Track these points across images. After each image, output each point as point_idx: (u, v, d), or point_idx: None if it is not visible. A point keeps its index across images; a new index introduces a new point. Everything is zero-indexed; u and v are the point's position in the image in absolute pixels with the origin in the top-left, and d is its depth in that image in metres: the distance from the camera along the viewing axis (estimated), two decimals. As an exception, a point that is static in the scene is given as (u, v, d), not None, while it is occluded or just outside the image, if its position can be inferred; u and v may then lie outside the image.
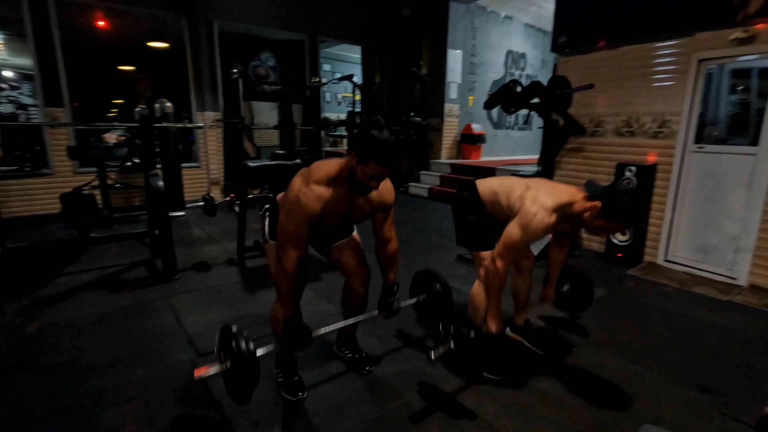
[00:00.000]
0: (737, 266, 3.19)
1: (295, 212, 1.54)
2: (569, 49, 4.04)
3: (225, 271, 3.38)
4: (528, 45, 9.01)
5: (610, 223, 1.70)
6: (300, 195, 1.53)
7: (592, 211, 1.73)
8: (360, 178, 1.51)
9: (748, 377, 2.06)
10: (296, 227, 1.55)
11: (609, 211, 1.68)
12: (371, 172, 1.47)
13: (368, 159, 1.44)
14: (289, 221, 1.56)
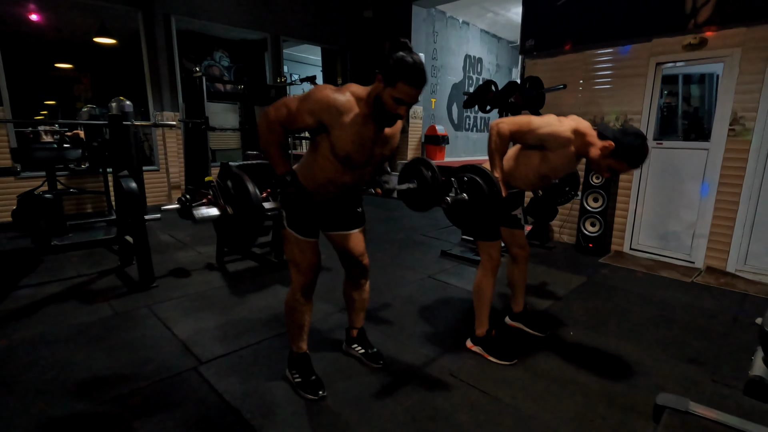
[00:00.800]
0: (694, 251, 3.51)
1: (312, 99, 1.45)
2: (537, 52, 4.26)
3: (206, 276, 3.21)
4: (484, 50, 9.38)
5: (618, 163, 1.77)
6: (328, 90, 1.47)
7: (603, 151, 1.78)
8: (386, 103, 1.43)
9: (726, 347, 2.27)
10: (300, 110, 1.46)
11: (620, 151, 1.74)
12: (400, 95, 1.40)
13: (397, 79, 1.38)
14: (300, 102, 1.47)
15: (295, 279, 1.78)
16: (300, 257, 1.74)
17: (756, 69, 3.06)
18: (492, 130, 1.93)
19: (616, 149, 1.75)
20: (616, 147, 1.75)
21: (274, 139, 1.52)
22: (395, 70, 1.38)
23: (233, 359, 2.07)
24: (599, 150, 1.80)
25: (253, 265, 3.46)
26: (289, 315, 1.83)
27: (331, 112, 1.47)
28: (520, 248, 2.35)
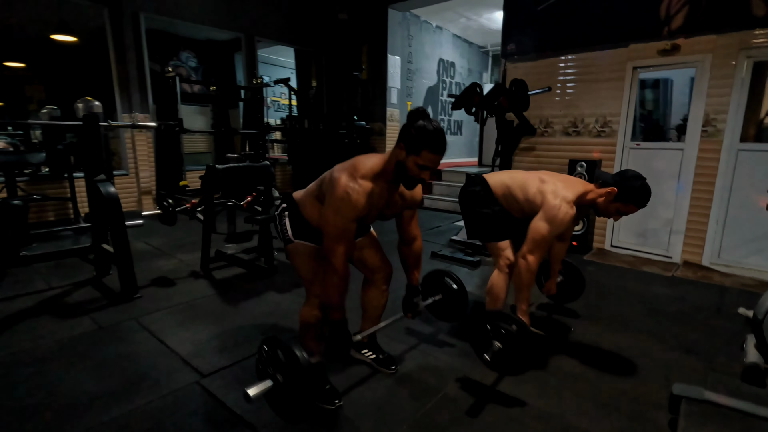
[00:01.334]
0: (672, 246, 3.68)
1: (345, 208, 1.47)
2: (518, 56, 4.36)
3: (192, 284, 3.06)
4: (456, 54, 9.54)
5: (625, 206, 1.85)
6: (349, 191, 1.47)
7: (607, 197, 1.87)
8: (410, 170, 1.47)
9: (716, 337, 2.38)
10: (345, 224, 1.49)
11: (624, 195, 1.83)
12: (424, 162, 1.45)
13: (422, 148, 1.42)
14: (339, 218, 1.48)
15: (310, 295, 1.73)
16: (312, 272, 1.71)
17: (725, 74, 3.26)
18: (521, 266, 1.93)
19: (619, 194, 1.83)
20: (619, 192, 1.83)
21: (342, 289, 1.54)
22: (419, 139, 1.41)
23: (237, 370, 1.97)
24: (603, 198, 1.88)
25: (240, 272, 3.33)
26: (306, 329, 1.76)
27: (365, 209, 1.50)
28: None
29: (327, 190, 1.54)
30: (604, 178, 1.92)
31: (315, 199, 1.67)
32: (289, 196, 1.77)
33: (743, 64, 3.19)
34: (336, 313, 1.57)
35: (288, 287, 3.02)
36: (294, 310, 2.62)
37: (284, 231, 1.73)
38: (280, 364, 1.38)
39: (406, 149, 1.45)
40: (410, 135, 1.44)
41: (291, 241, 1.72)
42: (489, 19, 8.31)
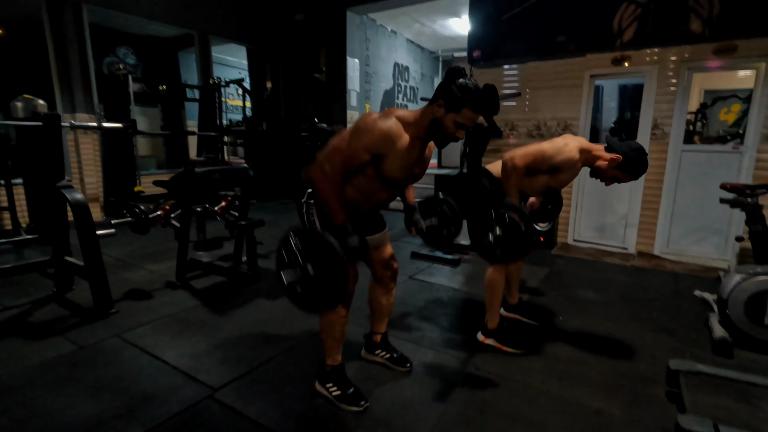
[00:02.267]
0: (627, 238, 4.05)
1: (364, 133, 1.44)
2: (483, 62, 4.57)
3: (171, 296, 2.87)
4: (410, 59, 9.74)
5: (623, 174, 1.97)
6: (377, 121, 1.45)
7: (611, 163, 1.96)
8: (447, 127, 1.48)
9: (682, 317, 2.67)
10: (355, 149, 1.44)
11: (627, 164, 1.93)
12: (463, 120, 1.47)
13: (462, 106, 1.44)
14: (352, 140, 1.45)
15: None
16: None
17: (669, 83, 3.66)
18: (506, 165, 2.00)
19: (623, 162, 1.94)
20: (623, 160, 1.94)
21: (334, 191, 1.47)
22: (461, 97, 1.43)
23: (249, 381, 1.89)
24: (607, 162, 1.97)
25: (220, 280, 3.18)
26: (329, 330, 1.73)
27: (387, 143, 1.47)
28: None
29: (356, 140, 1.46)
30: (612, 143, 2.00)
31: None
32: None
33: (684, 74, 3.60)
34: (338, 216, 1.48)
35: (277, 293, 2.93)
36: (290, 316, 2.56)
37: (311, 222, 1.66)
38: (312, 253, 1.38)
39: (445, 106, 1.46)
40: (451, 92, 1.44)
41: None
42: (442, 26, 8.59)
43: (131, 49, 8.35)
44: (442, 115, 1.47)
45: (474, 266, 3.65)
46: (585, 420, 1.67)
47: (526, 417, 1.68)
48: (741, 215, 3.41)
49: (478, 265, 3.69)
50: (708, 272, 3.51)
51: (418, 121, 1.52)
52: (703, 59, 3.51)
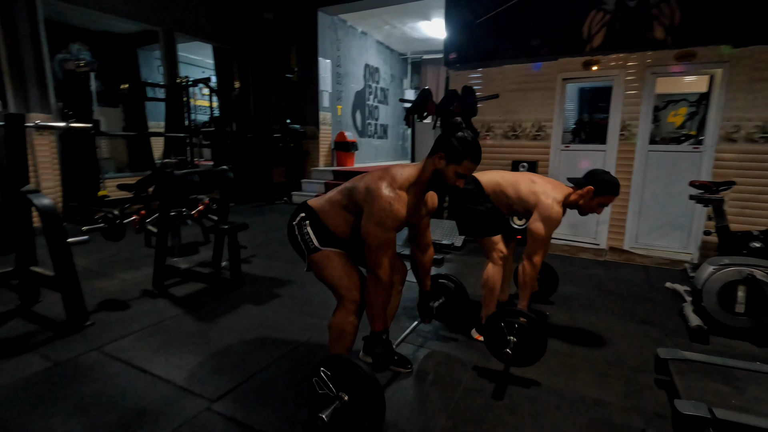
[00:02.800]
0: (599, 235, 4.24)
1: (388, 219, 1.51)
2: (459, 65, 4.65)
3: (151, 305, 2.73)
4: (380, 60, 9.77)
5: (604, 198, 2.10)
6: (392, 201, 1.51)
7: (586, 196, 2.10)
8: (449, 178, 1.55)
9: (658, 307, 2.82)
10: (389, 235, 1.53)
11: (601, 189, 2.07)
12: (463, 171, 1.54)
13: (463, 158, 1.52)
14: (383, 230, 1.51)
15: (347, 302, 1.66)
16: (347, 278, 1.66)
17: (636, 86, 3.86)
18: (527, 267, 2.13)
19: (597, 190, 2.06)
20: (596, 188, 2.06)
21: (386, 300, 1.58)
22: (462, 150, 1.51)
23: (248, 390, 1.83)
24: (583, 198, 2.11)
25: (201, 287, 3.06)
26: (339, 339, 1.69)
27: (405, 218, 1.56)
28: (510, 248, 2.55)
29: (365, 201, 1.55)
30: (576, 182, 2.16)
31: (342, 209, 1.66)
32: (305, 205, 1.74)
33: (649, 78, 3.81)
34: (379, 323, 1.58)
35: (264, 298, 2.86)
36: (280, 321, 2.50)
37: (307, 240, 1.68)
38: (346, 382, 1.41)
39: (446, 159, 1.53)
40: (452, 146, 1.51)
41: (318, 249, 1.67)
42: (412, 28, 8.68)
43: (86, 46, 7.89)
44: (443, 166, 1.54)
45: (457, 264, 3.71)
46: (586, 410, 1.73)
47: (531, 411, 1.72)
48: (702, 212, 3.65)
49: (461, 263, 3.74)
50: (674, 264, 3.74)
51: (421, 177, 1.59)
52: (665, 64, 3.73)
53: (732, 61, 3.49)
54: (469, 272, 3.50)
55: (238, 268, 3.04)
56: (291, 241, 1.75)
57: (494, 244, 2.27)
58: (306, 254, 1.71)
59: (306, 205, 1.74)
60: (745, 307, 2.28)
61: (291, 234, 1.75)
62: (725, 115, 3.56)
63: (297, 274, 3.37)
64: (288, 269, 3.50)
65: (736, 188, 3.29)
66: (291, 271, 3.45)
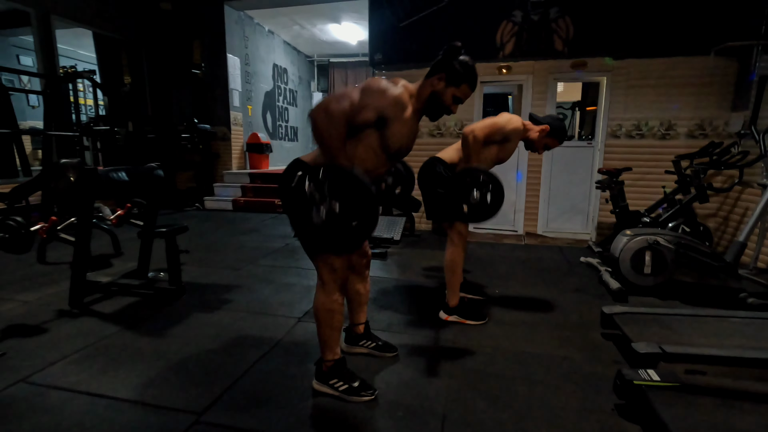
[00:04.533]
0: (517, 222, 4.73)
1: (375, 93, 1.44)
2: (384, 65, 4.80)
3: (74, 326, 2.32)
4: (288, 61, 9.55)
5: (552, 141, 2.37)
6: (389, 85, 1.48)
7: (542, 132, 2.34)
8: (446, 100, 1.59)
9: (582, 278, 3.25)
10: (364, 104, 1.42)
11: (554, 131, 2.34)
12: (461, 94, 1.60)
13: (463, 81, 1.57)
14: (362, 96, 1.43)
15: (331, 279, 1.61)
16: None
17: (541, 90, 4.41)
18: (468, 137, 2.19)
19: (551, 131, 2.34)
20: (551, 129, 2.34)
21: (337, 133, 1.40)
22: (463, 73, 1.56)
23: (236, 396, 1.68)
24: (538, 133, 2.36)
25: (132, 301, 2.68)
26: (327, 320, 1.64)
27: (396, 108, 1.48)
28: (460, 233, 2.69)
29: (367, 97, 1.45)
30: (535, 119, 2.39)
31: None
32: (298, 163, 1.53)
33: (552, 84, 4.39)
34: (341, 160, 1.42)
35: (215, 305, 2.62)
36: (243, 325, 2.34)
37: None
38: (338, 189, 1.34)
39: (446, 80, 1.56)
40: (454, 68, 1.55)
41: None
42: (321, 30, 8.65)
43: None
44: (442, 88, 1.57)
45: (402, 257, 3.82)
46: (560, 365, 1.95)
47: (517, 375, 1.87)
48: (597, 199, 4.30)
49: (404, 256, 3.87)
50: (579, 243, 4.35)
51: (419, 93, 1.59)
52: (564, 71, 4.33)
53: (614, 71, 4.20)
54: (414, 262, 3.64)
55: (178, 275, 2.74)
56: (287, 207, 1.51)
57: (457, 226, 2.41)
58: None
59: (299, 161, 1.54)
60: (651, 269, 2.77)
61: (288, 198, 1.49)
62: (611, 115, 4.27)
63: (241, 278, 3.15)
64: (228, 275, 3.25)
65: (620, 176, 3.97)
66: (233, 276, 3.21)
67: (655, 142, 4.21)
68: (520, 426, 1.51)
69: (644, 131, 4.22)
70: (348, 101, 1.42)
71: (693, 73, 4.02)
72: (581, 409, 1.61)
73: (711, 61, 3.94)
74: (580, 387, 1.77)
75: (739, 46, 3.75)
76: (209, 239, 4.45)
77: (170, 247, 2.68)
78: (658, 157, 4.14)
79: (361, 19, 7.67)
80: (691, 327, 2.06)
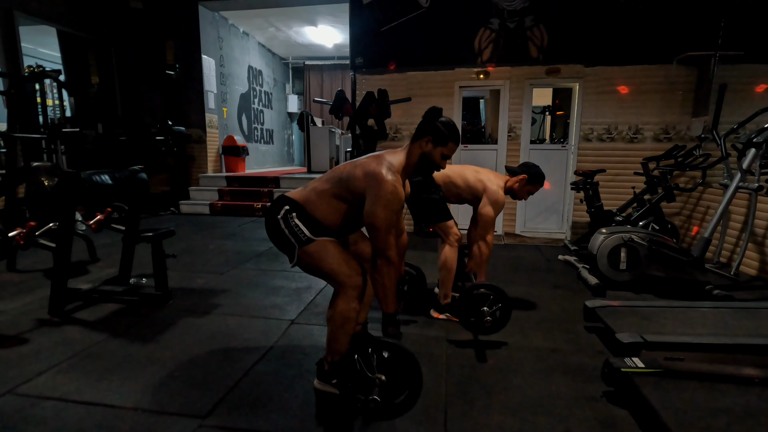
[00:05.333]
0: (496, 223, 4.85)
1: (394, 202, 1.57)
2: (366, 69, 4.85)
3: (58, 334, 2.24)
4: (263, 63, 9.45)
5: (533, 187, 2.49)
6: (396, 185, 1.57)
7: (521, 183, 2.48)
8: (436, 159, 1.69)
9: (561, 275, 3.40)
10: (393, 217, 1.58)
11: (532, 179, 2.47)
12: (448, 152, 1.70)
13: (448, 141, 1.67)
14: (389, 212, 1.56)
15: (349, 288, 1.64)
16: (346, 265, 1.64)
17: (518, 95, 4.58)
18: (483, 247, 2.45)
19: (529, 178, 2.46)
20: (528, 177, 2.45)
21: (396, 279, 1.62)
22: (448, 134, 1.66)
23: (238, 399, 1.68)
24: (518, 183, 2.48)
25: (117, 308, 2.61)
26: (342, 325, 1.67)
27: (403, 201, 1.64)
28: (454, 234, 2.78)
29: (369, 187, 1.57)
30: (512, 170, 2.53)
31: (333, 198, 1.65)
32: (287, 198, 1.67)
33: (528, 89, 4.56)
34: (392, 305, 1.62)
35: (204, 309, 2.58)
36: (236, 328, 2.33)
37: (298, 232, 1.61)
38: (384, 362, 1.47)
39: (433, 142, 1.66)
40: (438, 130, 1.65)
41: (312, 240, 1.62)
42: (297, 33, 8.62)
43: None
44: (431, 149, 1.67)
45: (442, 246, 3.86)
46: (548, 357, 2.04)
47: (510, 367, 1.95)
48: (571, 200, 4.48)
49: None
50: (555, 242, 4.52)
51: (409, 161, 1.69)
52: (539, 77, 4.51)
53: (585, 78, 4.42)
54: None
55: (164, 280, 2.68)
56: (273, 235, 1.66)
57: (449, 228, 2.49)
58: (297, 247, 1.63)
59: (286, 197, 1.67)
60: (626, 264, 2.94)
61: (275, 228, 1.65)
62: (583, 120, 4.48)
63: (227, 282, 3.12)
64: (213, 279, 3.20)
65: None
66: (218, 280, 3.17)
67: (624, 145, 4.44)
68: (519, 416, 1.59)
69: (614, 135, 4.45)
70: (392, 233, 1.58)
71: (658, 80, 4.28)
72: (573, 397, 1.71)
73: (673, 69, 4.20)
74: (569, 377, 1.87)
75: (699, 56, 4.02)
76: (189, 244, 4.36)
77: (157, 252, 2.62)
78: (628, 160, 4.38)
79: (339, 23, 7.70)
80: (666, 317, 2.21)
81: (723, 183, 3.13)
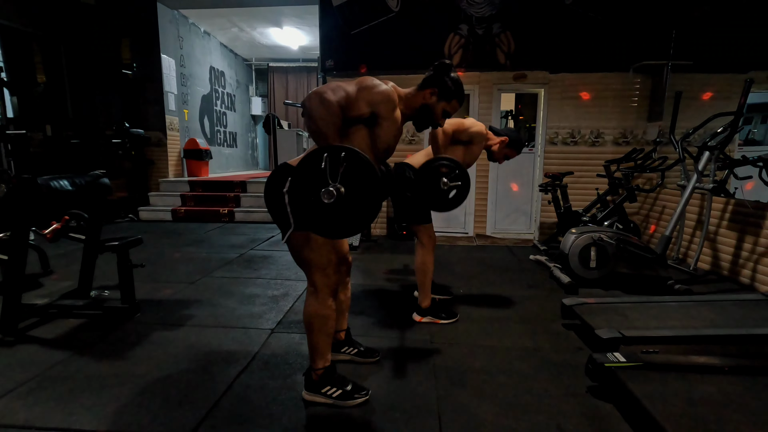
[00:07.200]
0: (467, 225, 4.95)
1: (369, 89, 1.45)
2: (336, 72, 4.81)
3: (11, 355, 2.04)
4: (225, 64, 9.17)
5: (511, 151, 2.54)
6: (380, 83, 1.49)
7: (501, 145, 2.50)
8: (436, 113, 1.65)
9: (533, 274, 3.49)
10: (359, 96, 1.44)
11: (512, 143, 2.51)
12: (450, 109, 1.67)
13: (453, 97, 1.64)
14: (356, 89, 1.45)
15: (324, 283, 1.59)
16: (326, 256, 1.57)
17: (487, 99, 4.68)
18: (437, 132, 2.26)
19: (510, 142, 2.50)
20: (509, 141, 2.50)
21: (334, 121, 1.41)
22: (454, 89, 1.63)
23: (224, 415, 1.59)
24: (498, 144, 2.51)
25: (78, 323, 2.42)
26: (321, 327, 1.62)
27: (387, 105, 1.50)
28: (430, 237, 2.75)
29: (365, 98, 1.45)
30: (496, 131, 2.54)
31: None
32: (287, 168, 1.46)
33: (496, 94, 4.67)
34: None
35: (176, 321, 2.45)
36: (212, 340, 2.22)
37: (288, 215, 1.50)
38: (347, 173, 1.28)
39: (438, 95, 1.62)
40: (446, 84, 1.61)
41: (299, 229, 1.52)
42: (261, 34, 8.42)
43: None
44: (434, 102, 1.63)
45: (363, 263, 3.83)
46: (531, 356, 2.08)
47: (497, 368, 1.97)
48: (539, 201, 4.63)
49: (365, 261, 3.88)
50: (525, 242, 4.65)
51: (409, 100, 1.63)
52: (507, 83, 4.64)
53: (550, 84, 4.59)
54: (375, 267, 3.68)
55: (131, 292, 2.52)
56: (273, 207, 1.50)
57: (429, 230, 2.49)
58: (292, 227, 1.48)
59: (288, 167, 1.46)
60: (596, 263, 3.06)
61: (277, 201, 1.47)
62: (548, 124, 4.64)
63: (198, 292, 2.98)
64: (183, 289, 3.05)
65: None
66: (189, 290, 3.02)
67: (587, 148, 4.65)
68: (511, 415, 1.60)
69: (577, 138, 4.64)
70: (343, 92, 1.43)
71: (616, 87, 4.51)
72: (559, 394, 1.74)
73: (630, 77, 4.45)
74: (553, 374, 1.91)
75: (653, 65, 4.28)
76: (152, 252, 4.13)
77: (123, 262, 2.46)
78: (590, 162, 4.58)
79: (305, 24, 7.60)
80: (638, 313, 2.31)
81: (680, 184, 3.33)
